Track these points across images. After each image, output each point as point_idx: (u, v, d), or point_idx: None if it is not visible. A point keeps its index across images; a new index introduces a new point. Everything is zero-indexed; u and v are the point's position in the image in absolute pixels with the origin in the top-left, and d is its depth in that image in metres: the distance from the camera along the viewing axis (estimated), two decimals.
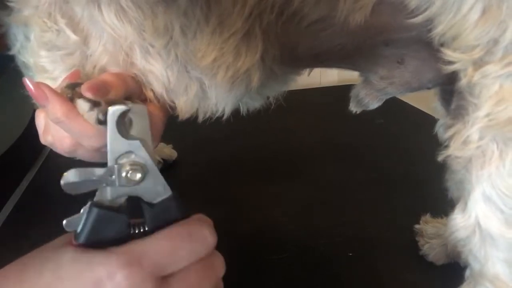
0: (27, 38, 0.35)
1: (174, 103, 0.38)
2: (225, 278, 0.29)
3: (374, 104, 0.43)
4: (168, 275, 0.26)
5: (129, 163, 0.27)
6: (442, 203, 0.43)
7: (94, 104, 0.30)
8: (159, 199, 0.28)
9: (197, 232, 0.28)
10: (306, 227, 0.58)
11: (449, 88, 0.37)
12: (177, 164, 0.74)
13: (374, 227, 0.57)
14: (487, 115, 0.31)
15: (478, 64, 0.30)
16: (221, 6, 0.33)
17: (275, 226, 0.58)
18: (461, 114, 0.33)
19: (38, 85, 0.31)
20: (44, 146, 0.37)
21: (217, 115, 0.40)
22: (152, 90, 0.36)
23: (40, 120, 0.35)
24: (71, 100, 0.31)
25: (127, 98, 0.34)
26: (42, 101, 0.31)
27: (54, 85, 0.35)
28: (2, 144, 0.65)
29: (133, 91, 0.35)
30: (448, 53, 0.32)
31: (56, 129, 0.33)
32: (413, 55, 0.37)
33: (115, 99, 0.32)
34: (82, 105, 0.31)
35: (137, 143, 0.28)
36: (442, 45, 0.32)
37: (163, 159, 0.72)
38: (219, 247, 0.29)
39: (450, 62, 0.32)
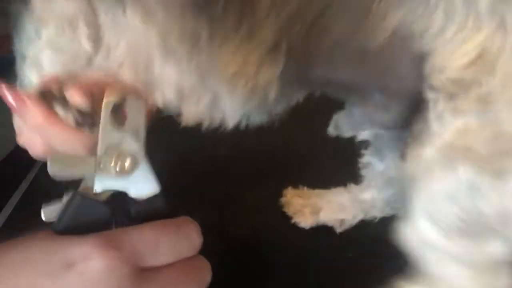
0: (37, 34, 0.35)
1: (178, 109, 0.37)
2: (226, 279, 0.29)
3: (349, 133, 0.47)
4: (149, 268, 0.25)
5: (119, 154, 0.27)
6: None
7: (68, 106, 0.30)
8: (146, 196, 0.27)
9: (184, 228, 0.27)
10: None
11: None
12: (177, 164, 0.74)
13: (374, 227, 0.57)
14: (446, 142, 0.32)
15: (453, 98, 0.32)
16: (254, 16, 0.32)
17: (275, 226, 0.58)
18: (421, 136, 0.35)
19: (17, 93, 0.30)
20: None
21: (221, 127, 0.39)
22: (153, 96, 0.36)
23: (17, 122, 0.35)
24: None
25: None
26: (21, 109, 0.30)
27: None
28: (4, 146, 0.65)
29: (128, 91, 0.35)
30: (429, 82, 0.33)
31: (28, 135, 0.33)
32: (400, 103, 0.38)
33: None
34: (58, 109, 0.30)
35: (129, 135, 0.27)
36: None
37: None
38: (219, 248, 0.29)
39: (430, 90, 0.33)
